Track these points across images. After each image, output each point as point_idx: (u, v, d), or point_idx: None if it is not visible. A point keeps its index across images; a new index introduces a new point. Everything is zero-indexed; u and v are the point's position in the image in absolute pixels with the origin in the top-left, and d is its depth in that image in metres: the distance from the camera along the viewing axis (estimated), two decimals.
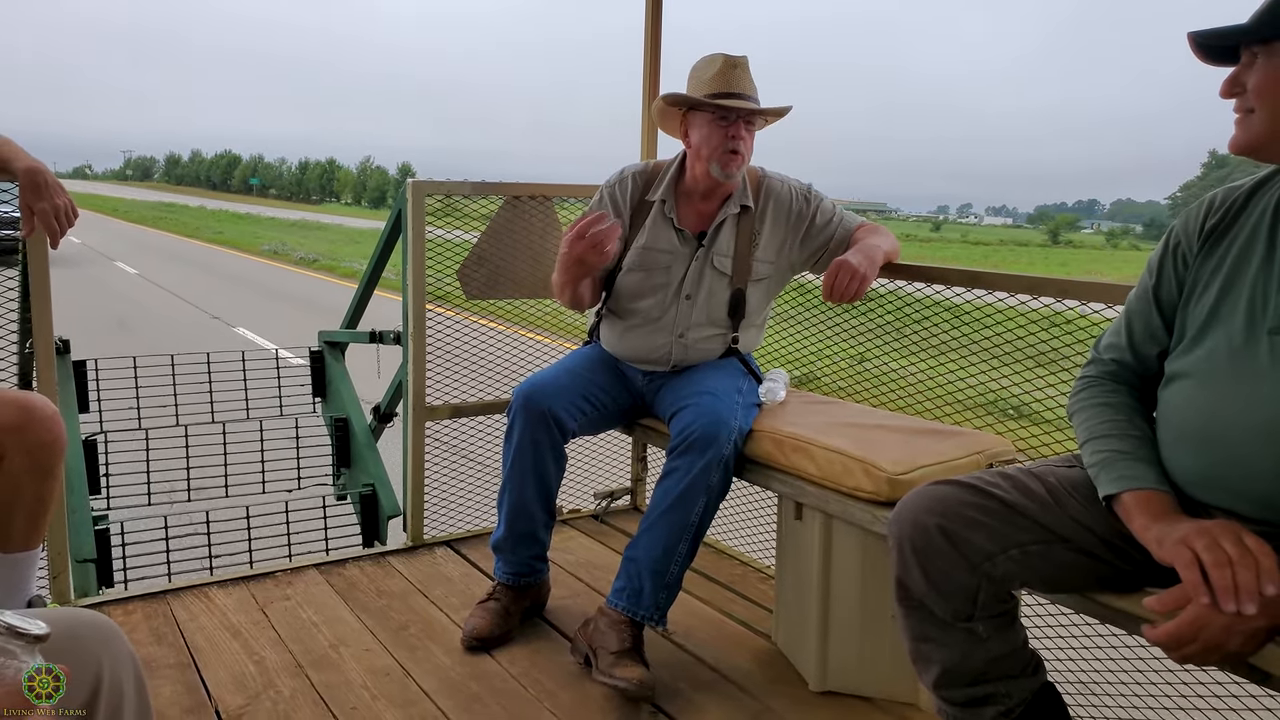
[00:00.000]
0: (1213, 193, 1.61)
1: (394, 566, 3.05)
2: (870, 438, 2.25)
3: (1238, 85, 1.45)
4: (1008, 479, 1.61)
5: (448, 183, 3.10)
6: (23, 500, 2.19)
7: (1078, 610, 1.69)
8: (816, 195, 2.65)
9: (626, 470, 3.67)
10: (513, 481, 2.55)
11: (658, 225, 2.61)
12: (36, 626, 1.00)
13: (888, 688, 2.33)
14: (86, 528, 2.97)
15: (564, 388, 2.55)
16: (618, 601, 2.39)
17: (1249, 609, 1.24)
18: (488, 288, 3.19)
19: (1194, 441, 1.50)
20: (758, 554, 3.26)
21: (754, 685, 2.40)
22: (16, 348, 2.93)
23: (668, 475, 2.38)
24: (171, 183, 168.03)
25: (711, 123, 2.49)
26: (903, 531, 1.61)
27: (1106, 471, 1.52)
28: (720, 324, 2.63)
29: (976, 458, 2.20)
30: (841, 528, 2.29)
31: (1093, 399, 1.66)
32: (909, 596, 1.64)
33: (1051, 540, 1.55)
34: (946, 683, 1.65)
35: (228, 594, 2.80)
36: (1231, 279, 1.50)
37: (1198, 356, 1.52)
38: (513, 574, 2.62)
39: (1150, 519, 1.43)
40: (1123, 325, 1.70)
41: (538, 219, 3.21)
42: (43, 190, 2.11)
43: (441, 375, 3.23)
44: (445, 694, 2.30)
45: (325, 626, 2.62)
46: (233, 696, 2.25)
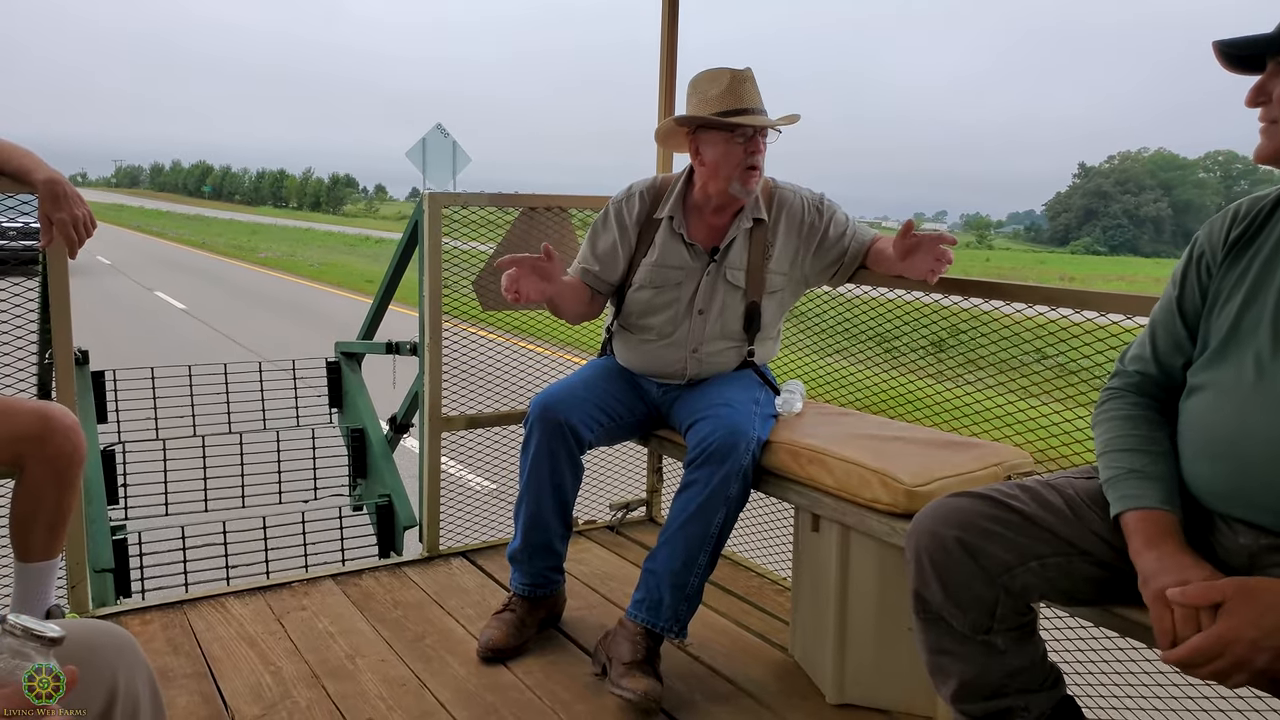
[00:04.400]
0: (1237, 203, 1.60)
1: (410, 577, 3.05)
2: (888, 449, 2.24)
3: (1263, 94, 1.44)
4: (1026, 491, 1.61)
5: (464, 194, 3.11)
6: (43, 510, 2.20)
7: (1097, 623, 1.68)
8: (829, 206, 2.63)
9: (642, 482, 3.66)
10: (529, 492, 2.54)
11: (668, 241, 2.60)
12: (52, 629, 1.01)
13: (905, 701, 2.31)
14: (105, 538, 2.98)
15: (581, 399, 2.55)
16: (637, 613, 2.38)
17: None
18: (503, 299, 3.19)
19: (1214, 453, 1.49)
20: (774, 566, 3.24)
21: (770, 697, 2.39)
22: (36, 358, 2.94)
23: (686, 487, 2.37)
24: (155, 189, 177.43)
25: (728, 141, 2.47)
26: (920, 543, 1.60)
27: (1114, 489, 1.53)
28: (735, 337, 2.62)
29: (995, 470, 2.19)
30: (859, 539, 2.27)
31: (1115, 411, 1.65)
32: (927, 609, 1.63)
33: (1070, 553, 1.55)
34: (964, 696, 1.64)
35: (244, 604, 2.80)
36: (1255, 290, 1.49)
37: (1220, 368, 1.51)
38: (529, 585, 2.62)
39: (1143, 544, 1.44)
40: (1147, 337, 1.69)
41: (553, 230, 3.22)
42: (62, 201, 2.12)
43: (457, 386, 3.24)
44: (461, 705, 2.30)
45: (341, 637, 2.62)
46: (249, 706, 2.25)
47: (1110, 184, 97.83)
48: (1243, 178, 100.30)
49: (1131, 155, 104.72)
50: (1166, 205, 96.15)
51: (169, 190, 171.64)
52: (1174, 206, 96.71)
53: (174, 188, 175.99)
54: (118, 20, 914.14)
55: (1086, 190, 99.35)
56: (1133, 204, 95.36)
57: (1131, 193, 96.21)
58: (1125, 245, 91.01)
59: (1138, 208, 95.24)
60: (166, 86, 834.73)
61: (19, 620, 1.00)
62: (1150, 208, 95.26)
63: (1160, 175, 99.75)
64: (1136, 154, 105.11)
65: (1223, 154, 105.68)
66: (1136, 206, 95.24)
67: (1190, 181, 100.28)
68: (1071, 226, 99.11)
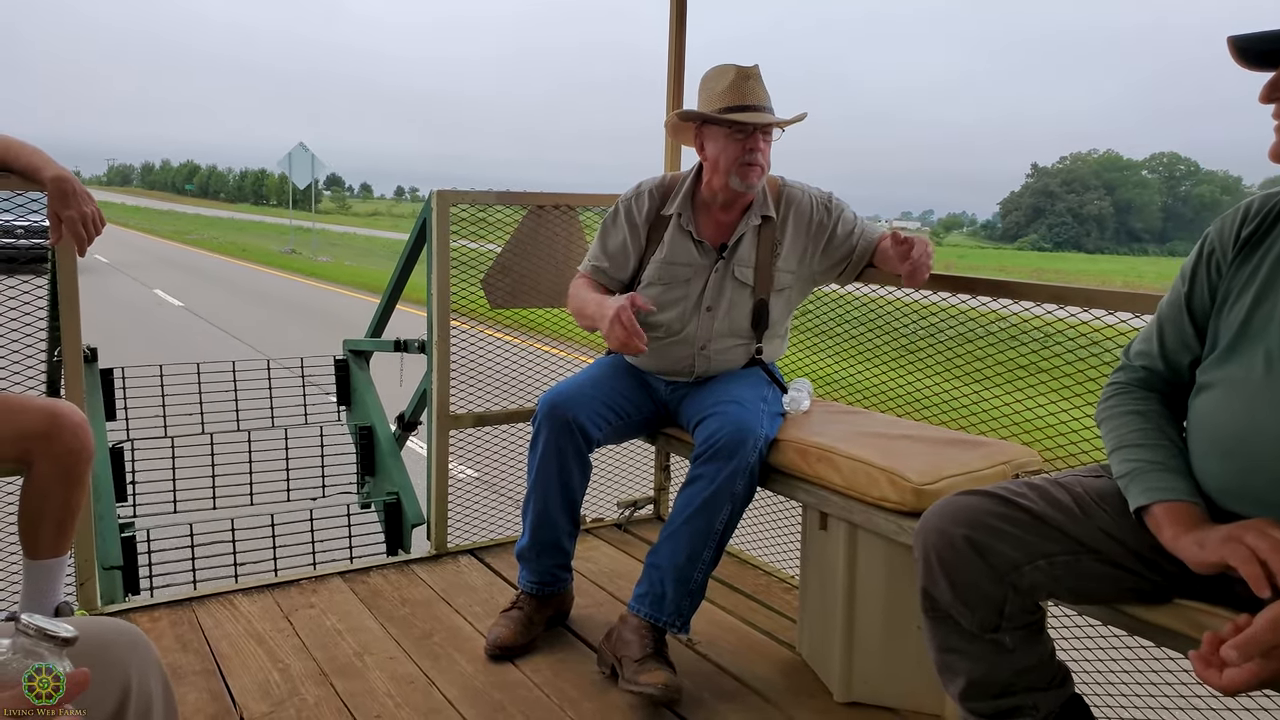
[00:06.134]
0: (1248, 200, 1.58)
1: (418, 575, 3.06)
2: (896, 448, 2.24)
3: (1277, 91, 1.42)
4: (1034, 489, 1.60)
5: (472, 192, 3.11)
6: (51, 507, 2.20)
7: (1105, 622, 1.68)
8: (837, 205, 2.64)
9: (650, 480, 3.67)
10: (537, 490, 2.55)
11: (676, 238, 2.61)
12: (65, 630, 1.01)
13: (913, 699, 2.31)
14: (113, 535, 2.99)
15: (589, 397, 2.55)
16: (639, 607, 2.38)
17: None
18: (512, 297, 3.21)
19: (1224, 451, 1.48)
20: (782, 564, 3.24)
21: (778, 695, 2.39)
22: (45, 356, 2.95)
23: (692, 482, 2.37)
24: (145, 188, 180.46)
25: (728, 136, 2.48)
26: (928, 542, 1.60)
27: (1136, 483, 1.51)
28: (743, 335, 2.62)
29: (1003, 468, 2.19)
30: (866, 538, 2.27)
31: (1122, 406, 1.64)
32: (935, 607, 1.63)
33: (1079, 551, 1.54)
34: (973, 694, 1.63)
35: (252, 602, 2.81)
36: (1266, 288, 1.48)
37: (1230, 365, 1.50)
38: (536, 583, 2.62)
39: (1180, 530, 1.41)
40: (1154, 332, 1.68)
41: (561, 228, 3.22)
42: (70, 199, 2.12)
43: (465, 384, 3.24)
44: (469, 703, 2.30)
45: (349, 634, 2.63)
46: (257, 704, 2.26)
47: (1057, 183, 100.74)
48: (1185, 179, 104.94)
49: (1082, 156, 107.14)
50: (1109, 204, 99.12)
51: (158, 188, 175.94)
52: (1116, 206, 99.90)
53: (163, 186, 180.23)
54: (117, 19, 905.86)
55: (1035, 189, 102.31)
56: (1077, 203, 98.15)
57: (1076, 192, 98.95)
58: (1069, 242, 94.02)
59: (1081, 206, 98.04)
60: (166, 85, 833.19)
61: (32, 620, 1.00)
62: (1093, 206, 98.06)
63: (1105, 175, 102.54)
64: (1086, 155, 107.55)
65: (1167, 155, 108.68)
66: (1080, 205, 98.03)
67: (1132, 182, 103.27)
68: (1021, 224, 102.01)
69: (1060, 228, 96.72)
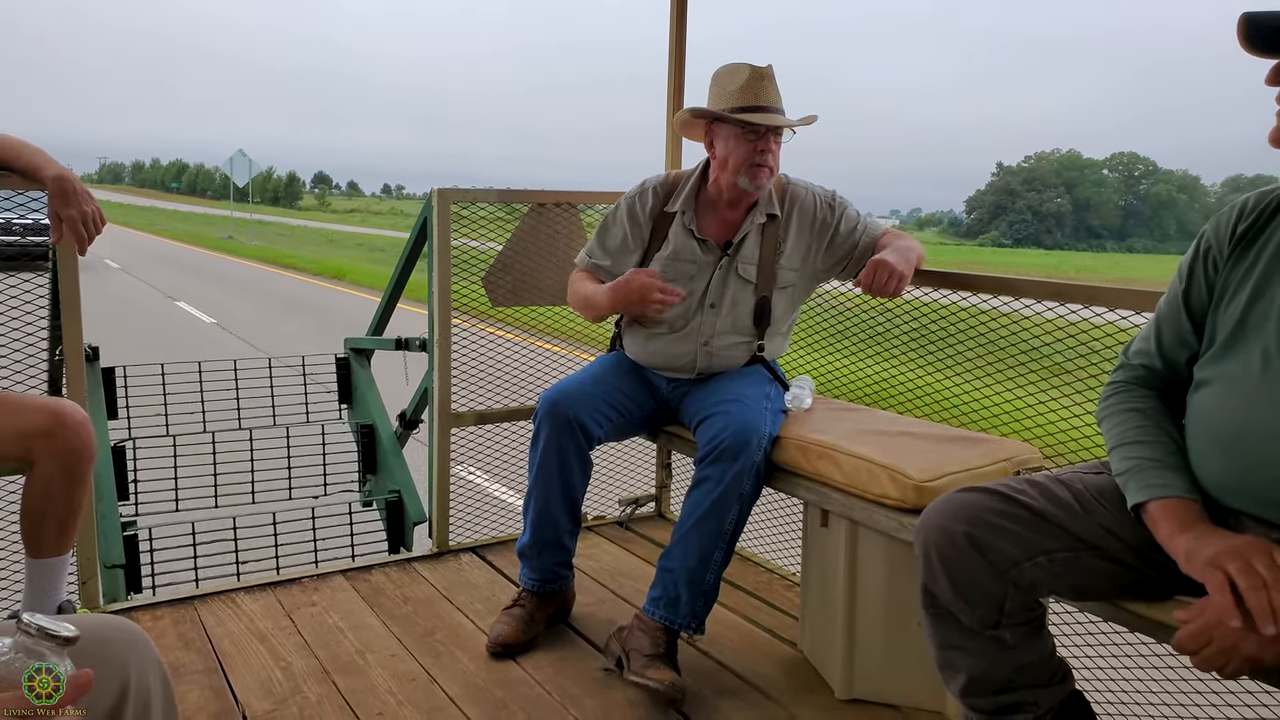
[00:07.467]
0: (1245, 196, 1.58)
1: (420, 573, 3.06)
2: (897, 445, 2.23)
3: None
4: (1035, 486, 1.60)
5: (473, 190, 3.11)
6: (53, 506, 2.21)
7: (1106, 618, 1.68)
8: (841, 203, 2.64)
9: (651, 477, 3.67)
10: (538, 488, 2.55)
11: (680, 236, 2.61)
12: (66, 629, 1.01)
13: (914, 696, 2.31)
14: (115, 534, 2.99)
15: (590, 394, 2.55)
16: (655, 610, 2.38)
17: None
18: (512, 295, 3.21)
19: (1223, 447, 1.48)
20: (783, 561, 3.25)
21: (779, 692, 2.39)
22: (47, 355, 2.95)
23: (699, 484, 2.37)
24: (136, 185, 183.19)
25: (739, 136, 2.48)
26: (929, 538, 1.60)
27: (1134, 479, 1.51)
28: (745, 332, 2.62)
29: (1004, 465, 2.19)
30: (867, 535, 2.27)
31: (1122, 404, 1.64)
32: (935, 604, 1.63)
33: (1079, 548, 1.54)
34: (974, 691, 1.63)
35: (255, 600, 2.81)
36: (1262, 284, 1.48)
37: (1227, 362, 1.50)
38: (538, 580, 2.62)
39: (1176, 529, 1.41)
40: (1152, 331, 1.68)
41: (562, 226, 3.22)
42: (71, 198, 2.12)
43: (467, 381, 3.24)
44: (470, 700, 2.30)
45: (351, 632, 2.63)
46: (259, 702, 2.26)
47: (1018, 182, 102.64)
48: (1144, 179, 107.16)
49: (1045, 155, 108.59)
50: (1068, 202, 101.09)
51: (148, 186, 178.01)
52: (1074, 203, 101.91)
53: (153, 184, 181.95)
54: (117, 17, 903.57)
55: (998, 187, 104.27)
56: (1037, 200, 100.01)
57: (1037, 190, 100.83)
58: (1029, 239, 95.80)
59: (1041, 204, 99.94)
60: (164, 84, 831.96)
61: (34, 619, 1.01)
62: (1052, 204, 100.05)
63: (1065, 174, 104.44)
64: (1050, 154, 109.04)
65: (1126, 155, 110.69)
66: (1040, 203, 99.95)
67: (1091, 180, 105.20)
68: (984, 221, 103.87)
69: (1020, 224, 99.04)
